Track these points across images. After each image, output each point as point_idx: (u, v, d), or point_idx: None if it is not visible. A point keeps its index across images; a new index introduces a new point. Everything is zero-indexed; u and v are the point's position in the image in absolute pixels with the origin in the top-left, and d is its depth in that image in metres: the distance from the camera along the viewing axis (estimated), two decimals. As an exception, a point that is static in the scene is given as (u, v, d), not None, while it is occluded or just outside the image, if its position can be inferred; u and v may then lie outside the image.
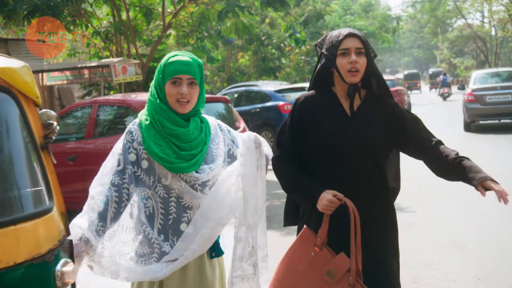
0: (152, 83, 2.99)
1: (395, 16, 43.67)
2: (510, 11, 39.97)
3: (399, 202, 3.30)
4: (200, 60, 3.00)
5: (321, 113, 3.03)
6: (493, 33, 55.15)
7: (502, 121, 18.32)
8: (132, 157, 2.90)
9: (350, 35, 2.95)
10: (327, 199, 2.87)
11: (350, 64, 2.92)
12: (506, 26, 49.71)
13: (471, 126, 17.86)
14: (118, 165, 2.90)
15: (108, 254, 2.90)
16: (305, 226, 3.01)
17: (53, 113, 2.96)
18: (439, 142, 2.99)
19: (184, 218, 2.91)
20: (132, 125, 2.98)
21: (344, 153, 2.95)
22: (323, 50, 3.04)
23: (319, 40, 3.17)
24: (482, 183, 2.78)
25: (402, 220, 3.23)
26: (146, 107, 2.98)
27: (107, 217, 2.84)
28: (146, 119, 2.92)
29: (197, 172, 2.91)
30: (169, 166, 2.86)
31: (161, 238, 2.89)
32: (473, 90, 17.59)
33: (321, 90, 3.09)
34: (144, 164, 2.89)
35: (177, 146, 2.88)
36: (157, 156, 2.85)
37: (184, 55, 2.96)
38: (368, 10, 45.43)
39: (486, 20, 57.30)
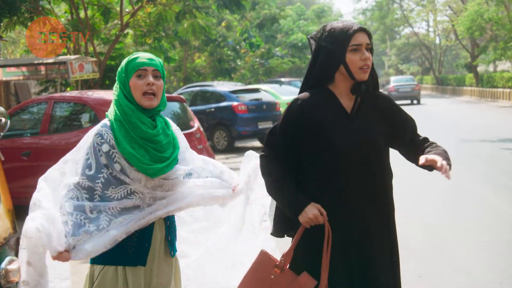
0: (115, 86, 2.92)
1: (346, 23, 44.45)
2: (454, 21, 41.07)
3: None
4: (161, 60, 2.99)
5: (321, 114, 2.81)
6: (437, 41, 56.90)
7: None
8: (103, 160, 2.80)
9: (361, 29, 2.76)
10: (313, 213, 2.71)
11: (363, 61, 2.73)
12: (450, 35, 51.26)
13: None
14: (90, 169, 2.80)
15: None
16: (261, 249, 2.86)
17: (2, 109, 2.96)
18: (426, 140, 2.96)
19: (166, 208, 2.92)
20: (102, 127, 2.84)
21: (348, 154, 2.77)
22: (327, 44, 2.79)
23: (314, 32, 2.93)
24: (428, 156, 2.73)
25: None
26: (113, 109, 2.87)
27: (85, 210, 2.74)
28: (116, 120, 2.83)
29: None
30: (145, 168, 2.80)
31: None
32: (393, 86, 38.30)
33: (317, 91, 2.85)
34: (117, 167, 2.80)
35: (151, 148, 2.84)
36: (135, 157, 2.77)
37: (146, 54, 2.95)
38: (320, 16, 46.32)
39: (431, 29, 59.10)
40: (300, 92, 2.92)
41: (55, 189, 2.90)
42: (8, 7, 12.90)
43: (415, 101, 37.26)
